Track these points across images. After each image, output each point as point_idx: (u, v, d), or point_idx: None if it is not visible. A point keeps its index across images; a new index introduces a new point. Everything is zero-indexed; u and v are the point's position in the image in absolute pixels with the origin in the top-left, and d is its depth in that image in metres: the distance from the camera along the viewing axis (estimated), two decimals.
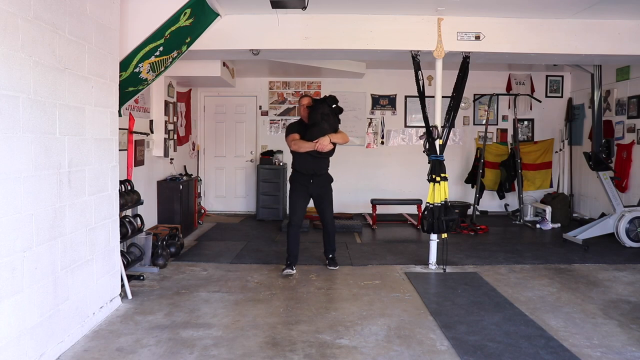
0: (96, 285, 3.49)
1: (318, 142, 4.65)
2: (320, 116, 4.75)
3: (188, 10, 4.21)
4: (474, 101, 8.56)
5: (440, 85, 5.10)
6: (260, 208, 7.93)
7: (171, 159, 6.88)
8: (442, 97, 5.10)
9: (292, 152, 4.90)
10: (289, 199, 4.98)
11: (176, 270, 4.87)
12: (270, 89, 8.58)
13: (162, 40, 4.23)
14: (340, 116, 4.94)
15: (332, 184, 5.04)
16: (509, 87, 8.48)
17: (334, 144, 4.78)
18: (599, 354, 3.05)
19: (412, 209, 7.78)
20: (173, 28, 4.24)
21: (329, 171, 5.01)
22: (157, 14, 4.09)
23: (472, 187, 8.04)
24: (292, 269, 4.80)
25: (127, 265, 4.30)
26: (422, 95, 5.14)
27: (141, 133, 5.58)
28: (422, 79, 5.10)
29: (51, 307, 2.91)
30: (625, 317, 3.66)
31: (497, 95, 8.24)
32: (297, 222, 4.85)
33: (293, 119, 7.79)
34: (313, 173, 4.81)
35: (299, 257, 4.97)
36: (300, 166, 4.86)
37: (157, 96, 6.26)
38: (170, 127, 6.63)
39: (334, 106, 4.83)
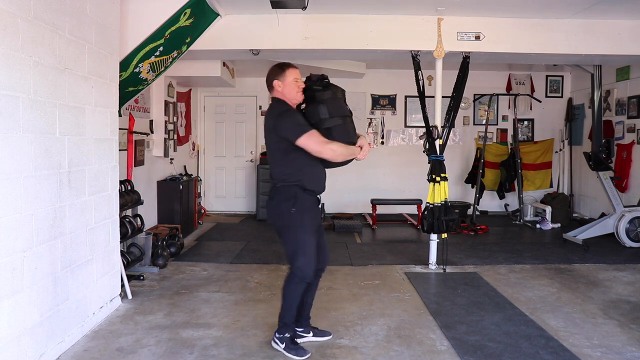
0: (96, 285, 3.49)
1: (363, 146, 2.99)
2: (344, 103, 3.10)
3: (188, 11, 4.21)
4: (474, 101, 8.56)
5: (440, 85, 5.10)
6: (260, 208, 7.92)
7: (171, 159, 6.88)
8: (442, 97, 5.10)
9: (295, 161, 2.91)
10: (297, 239, 2.93)
11: (176, 270, 4.88)
12: None
13: (162, 40, 4.24)
14: None
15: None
16: (509, 87, 8.48)
17: None
18: (599, 354, 3.05)
19: (412, 209, 7.78)
20: (173, 28, 4.24)
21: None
22: (157, 14, 4.09)
23: (472, 187, 8.04)
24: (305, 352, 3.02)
25: (127, 265, 4.30)
26: (422, 95, 5.14)
27: (141, 133, 5.58)
28: (422, 79, 5.10)
29: (51, 307, 2.91)
30: (625, 317, 3.66)
31: (497, 95, 8.23)
32: (311, 276, 2.98)
33: None
34: (321, 193, 3.11)
35: None
36: (311, 182, 2.96)
37: (157, 96, 6.26)
38: (170, 127, 6.63)
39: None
